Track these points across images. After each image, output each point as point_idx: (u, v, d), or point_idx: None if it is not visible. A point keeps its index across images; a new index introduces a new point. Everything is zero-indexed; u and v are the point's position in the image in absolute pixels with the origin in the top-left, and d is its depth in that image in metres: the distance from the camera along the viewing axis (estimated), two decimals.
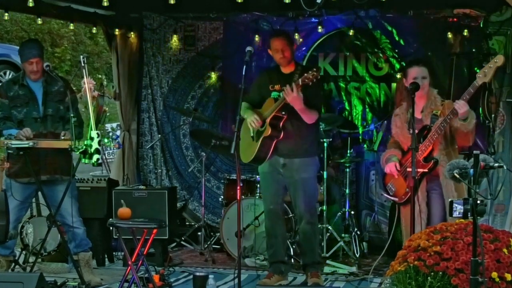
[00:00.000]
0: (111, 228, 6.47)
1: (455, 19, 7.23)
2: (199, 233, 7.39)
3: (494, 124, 6.77)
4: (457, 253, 4.07)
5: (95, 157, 5.31)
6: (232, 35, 8.01)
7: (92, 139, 5.28)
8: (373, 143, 7.64)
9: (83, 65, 5.49)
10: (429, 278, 4.05)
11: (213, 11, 7.88)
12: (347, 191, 7.23)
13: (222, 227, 6.93)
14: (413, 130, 4.96)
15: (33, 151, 5.60)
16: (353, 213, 7.26)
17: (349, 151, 7.24)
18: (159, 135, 8.13)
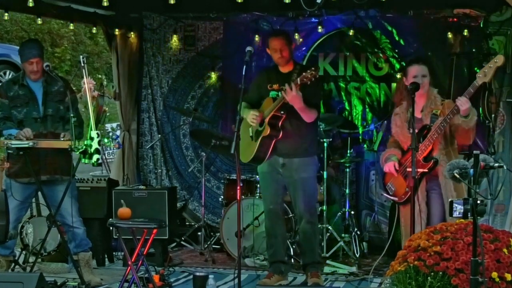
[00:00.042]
0: (111, 228, 6.47)
1: (455, 19, 7.22)
2: (199, 233, 7.39)
3: (494, 124, 6.77)
4: (457, 253, 4.06)
5: (95, 157, 5.31)
6: (232, 35, 8.00)
7: (92, 139, 5.28)
8: (373, 143, 7.63)
9: (83, 65, 5.49)
10: (429, 278, 4.04)
11: (213, 11, 7.87)
12: (347, 191, 7.23)
13: (222, 227, 6.93)
14: (413, 130, 4.96)
15: (33, 151, 5.60)
16: (353, 213, 7.25)
17: (349, 151, 7.24)
18: (159, 135, 8.12)
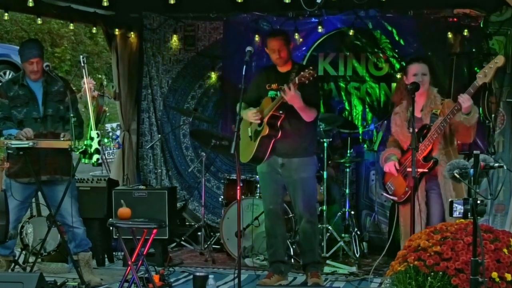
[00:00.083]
0: (111, 228, 6.47)
1: (455, 19, 7.22)
2: (199, 233, 7.38)
3: (494, 124, 6.76)
4: (457, 253, 4.06)
5: (95, 157, 5.31)
6: (232, 35, 8.00)
7: (92, 139, 5.28)
8: (373, 143, 7.63)
9: (83, 65, 5.49)
10: (429, 278, 4.04)
11: (213, 11, 7.87)
12: (347, 191, 7.23)
13: (222, 227, 6.93)
14: (413, 129, 4.95)
15: (33, 151, 5.60)
16: (353, 213, 7.25)
17: (349, 151, 7.24)
18: (159, 135, 8.12)
